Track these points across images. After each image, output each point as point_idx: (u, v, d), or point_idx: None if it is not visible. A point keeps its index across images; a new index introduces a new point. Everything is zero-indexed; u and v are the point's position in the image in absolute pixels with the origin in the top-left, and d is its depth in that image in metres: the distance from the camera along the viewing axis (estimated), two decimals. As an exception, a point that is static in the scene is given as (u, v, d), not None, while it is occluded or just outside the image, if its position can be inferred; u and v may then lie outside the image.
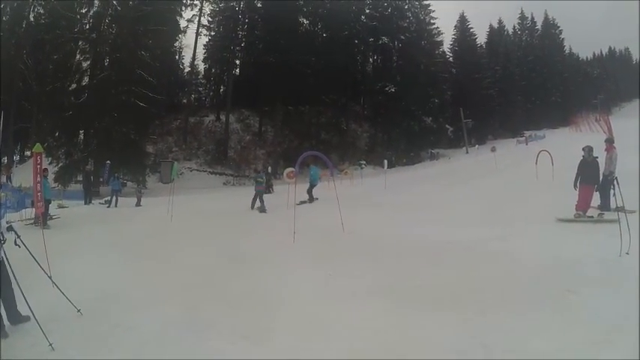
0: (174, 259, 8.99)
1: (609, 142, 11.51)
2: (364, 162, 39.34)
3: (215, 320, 5.56)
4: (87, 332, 5.33)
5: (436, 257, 8.03)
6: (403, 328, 5.10)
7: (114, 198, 19.58)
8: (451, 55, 54.68)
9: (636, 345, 4.25)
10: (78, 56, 32.56)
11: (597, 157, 10.70)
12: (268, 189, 23.51)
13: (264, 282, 7.08)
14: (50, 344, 4.89)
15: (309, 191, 17.26)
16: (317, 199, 16.69)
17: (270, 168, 26.77)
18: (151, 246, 10.35)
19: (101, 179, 26.56)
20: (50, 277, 6.30)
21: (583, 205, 10.47)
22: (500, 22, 60.53)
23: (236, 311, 5.86)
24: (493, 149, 29.16)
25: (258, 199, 16.43)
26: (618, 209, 7.95)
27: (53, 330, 5.14)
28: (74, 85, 31.83)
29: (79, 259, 8.75)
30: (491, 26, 59.72)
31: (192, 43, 43.42)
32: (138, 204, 19.94)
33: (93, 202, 21.03)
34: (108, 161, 25.65)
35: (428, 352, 4.52)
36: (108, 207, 19.28)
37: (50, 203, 14.50)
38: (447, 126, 48.29)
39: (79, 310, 5.79)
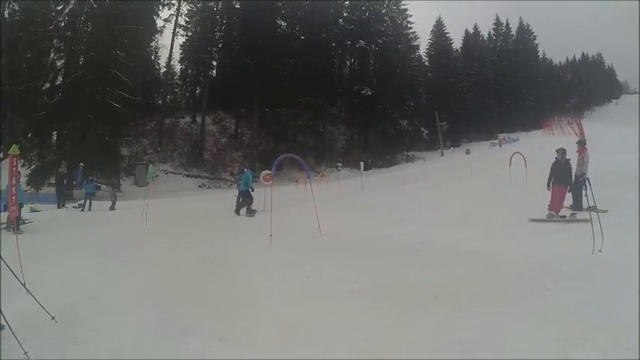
0: (150, 262, 8.89)
1: (581, 144, 11.77)
2: (340, 164, 39.54)
3: (193, 323, 5.47)
4: (63, 339, 5.23)
5: (413, 257, 8.04)
6: (381, 327, 5.10)
7: (87, 201, 19.24)
8: (427, 59, 55.72)
9: (610, 340, 4.37)
10: (52, 55, 31.81)
11: (570, 159, 11.00)
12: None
13: (241, 284, 7.00)
14: (25, 353, 4.82)
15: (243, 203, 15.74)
16: (255, 211, 15.16)
17: (247, 170, 26.71)
18: (125, 249, 10.20)
19: (74, 182, 26.10)
20: (24, 284, 6.23)
21: (556, 206, 10.69)
22: (475, 27, 61.91)
23: (213, 313, 5.78)
24: (468, 152, 29.52)
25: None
26: (590, 209, 8.11)
27: (28, 338, 5.05)
28: (48, 85, 31.20)
29: (53, 265, 8.60)
30: (466, 31, 61.01)
31: (169, 43, 43.50)
32: (112, 207, 19.68)
33: (66, 205, 20.65)
34: (81, 164, 25.23)
35: (405, 350, 4.54)
36: (81, 211, 18.96)
37: (22, 207, 14.23)
38: (423, 129, 48.82)
39: (53, 317, 5.73)
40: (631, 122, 44.05)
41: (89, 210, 18.92)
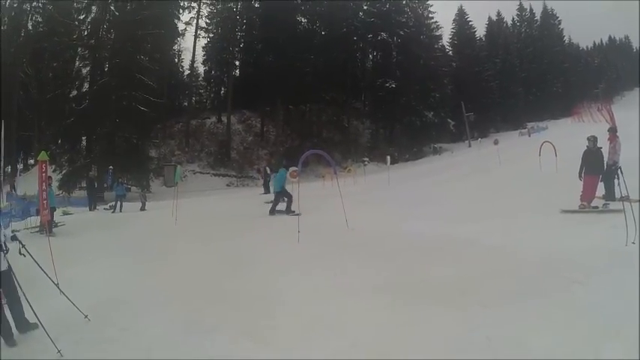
0: (179, 261, 9.01)
1: (612, 131, 11.49)
2: (367, 159, 39.31)
3: (219, 321, 5.57)
4: (94, 337, 5.34)
5: (439, 251, 8.02)
6: (406, 323, 5.09)
7: (118, 203, 19.67)
8: (450, 48, 54.54)
9: None
10: (77, 63, 32.79)
11: (601, 147, 10.67)
12: (267, 189, 23.51)
13: (267, 282, 7.09)
14: (59, 351, 4.90)
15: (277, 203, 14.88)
16: (294, 212, 13.81)
17: (268, 168, 26.67)
18: (155, 249, 10.36)
19: (105, 185, 26.67)
20: (57, 284, 6.32)
21: (588, 196, 10.45)
22: (498, 14, 60.35)
23: (240, 311, 5.86)
24: (496, 142, 29.04)
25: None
26: (623, 199, 7.95)
27: (61, 336, 5.15)
28: (75, 92, 32.12)
29: (85, 265, 8.78)
30: (489, 19, 59.59)
31: (191, 46, 43.67)
32: (142, 208, 20.02)
33: (97, 207, 21.11)
34: (111, 167, 25.71)
35: (431, 346, 4.53)
36: (113, 212, 19.35)
37: (55, 211, 14.55)
38: (449, 120, 48.02)
39: (86, 316, 5.80)
40: (661, 106, 42.74)
41: (120, 211, 19.28)
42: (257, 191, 24.19)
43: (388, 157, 26.00)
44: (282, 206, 14.57)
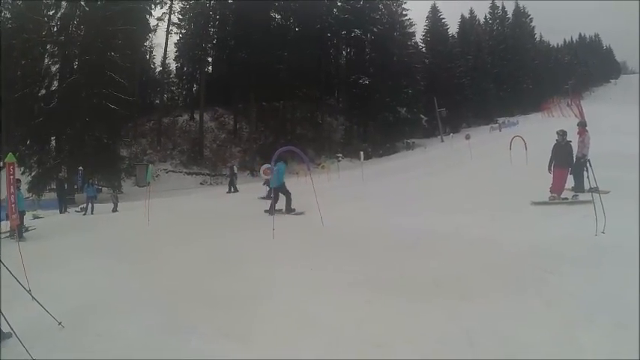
0: (153, 262, 8.90)
1: (581, 125, 11.85)
2: (341, 155, 39.46)
3: (197, 322, 5.51)
4: (70, 344, 5.24)
5: (417, 246, 8.08)
6: (387, 317, 5.14)
7: (89, 205, 19.29)
8: (423, 45, 55.21)
9: (616, 323, 4.40)
10: (47, 60, 31.81)
11: (570, 141, 10.98)
12: (230, 188, 23.69)
13: (244, 280, 6.99)
14: (33, 359, 4.86)
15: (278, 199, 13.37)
16: (294, 210, 13.22)
17: (235, 167, 26.56)
18: (129, 251, 10.21)
19: (75, 186, 26.10)
20: (29, 291, 6.23)
21: (557, 188, 10.72)
22: (471, 11, 61.26)
23: (218, 311, 5.81)
24: (468, 137, 29.41)
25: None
26: (592, 190, 8.18)
27: (35, 345, 5.06)
28: (43, 91, 31.16)
29: (58, 270, 8.62)
30: (462, 16, 60.43)
31: (163, 42, 43.29)
32: (114, 209, 19.70)
33: (68, 210, 20.73)
34: (81, 167, 25.21)
35: (412, 339, 4.59)
36: (84, 214, 19.00)
37: (25, 214, 14.24)
38: (422, 116, 48.55)
39: (60, 323, 5.73)
40: (630, 102, 43.94)
41: (91, 213, 18.96)
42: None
43: (362, 153, 26.05)
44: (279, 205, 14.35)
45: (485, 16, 62.00)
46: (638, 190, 9.69)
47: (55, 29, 32.06)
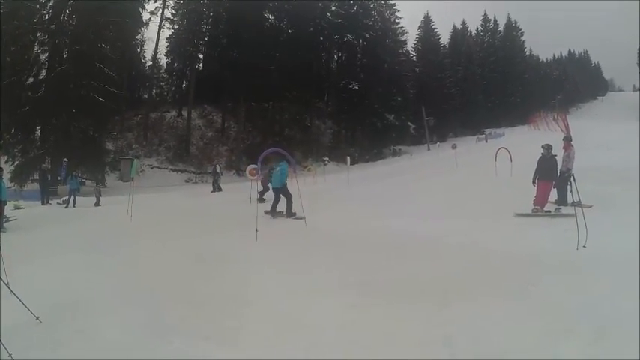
0: (135, 259, 8.85)
1: (567, 140, 12.07)
2: (327, 159, 39.58)
3: (178, 322, 5.49)
4: (48, 341, 5.16)
5: (400, 251, 8.13)
6: (369, 321, 5.17)
7: (72, 198, 19.13)
8: (415, 54, 55.68)
9: (595, 332, 4.49)
10: (36, 48, 31.33)
11: (555, 155, 11.19)
12: (215, 188, 23.61)
13: (227, 281, 6.99)
14: (10, 355, 4.83)
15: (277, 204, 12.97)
16: (295, 214, 12.52)
17: (218, 167, 26.42)
18: (110, 247, 10.12)
19: (59, 178, 25.85)
20: (7, 284, 6.18)
21: (541, 201, 10.89)
22: (463, 23, 61.99)
23: (199, 312, 5.78)
24: (454, 146, 29.73)
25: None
26: (575, 204, 8.30)
27: (12, 340, 5.02)
28: (31, 79, 30.68)
29: (37, 263, 8.53)
30: (454, 27, 61.10)
31: (155, 37, 42.90)
32: (97, 204, 19.55)
33: (50, 202, 20.51)
34: (65, 159, 24.94)
35: (393, 343, 4.65)
36: (66, 207, 18.83)
37: (6, 204, 14.09)
38: (410, 123, 48.88)
39: (37, 318, 5.69)
40: (615, 119, 44.72)
41: (74, 206, 18.81)
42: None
43: (348, 158, 26.25)
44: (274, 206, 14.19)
45: (477, 28, 62.87)
46: (620, 204, 9.94)
47: (47, 17, 31.57)
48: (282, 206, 12.77)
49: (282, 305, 5.88)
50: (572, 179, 8.59)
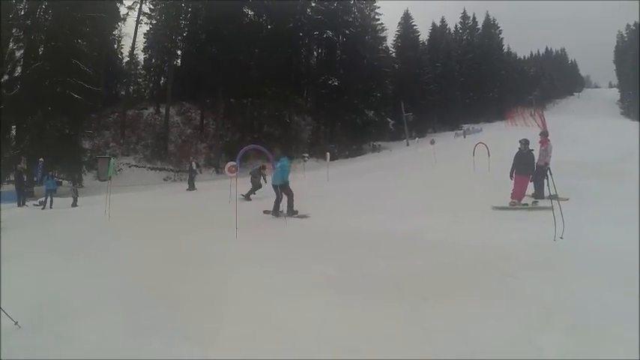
0: (113, 260, 8.78)
1: (544, 135, 12.41)
2: (307, 155, 39.60)
3: (157, 323, 5.46)
4: (27, 345, 5.10)
5: (379, 247, 8.20)
6: (348, 318, 5.23)
7: (48, 198, 18.91)
8: (394, 50, 56.07)
9: (572, 324, 4.64)
10: (11, 44, 30.70)
11: (532, 150, 11.50)
12: (190, 186, 23.35)
13: (206, 281, 7.00)
14: (-9, 360, 4.82)
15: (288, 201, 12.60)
16: (297, 212, 12.55)
17: (194, 163, 26.04)
18: (88, 248, 10.04)
19: (35, 178, 25.38)
20: (-16, 290, 6.16)
21: (518, 194, 11.22)
22: (442, 20, 63.05)
23: (178, 313, 5.77)
24: (432, 142, 29.95)
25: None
26: (552, 197, 8.53)
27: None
28: (6, 77, 30.02)
29: (14, 266, 8.45)
30: (433, 24, 62.09)
31: (132, 32, 42.36)
32: (74, 204, 19.30)
33: (27, 203, 20.19)
34: (41, 159, 24.53)
35: (372, 339, 4.70)
36: (42, 208, 18.58)
37: (-19, 207, 13.93)
38: (389, 119, 49.28)
39: (16, 323, 5.66)
40: (591, 115, 45.73)
41: (50, 207, 18.57)
42: (195, 186, 23.86)
43: (328, 154, 26.23)
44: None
45: (456, 25, 63.94)
46: (596, 197, 10.27)
47: (22, 13, 30.92)
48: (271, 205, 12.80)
49: (261, 304, 5.88)
50: (548, 173, 8.85)
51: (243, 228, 9.86)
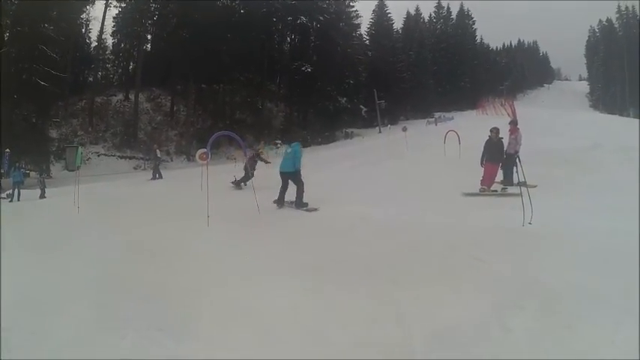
0: (84, 254, 8.62)
1: (513, 124, 12.70)
2: (280, 142, 39.58)
3: (130, 316, 5.36)
4: (3, 344, 5.19)
5: (350, 233, 8.22)
6: (320, 303, 5.28)
7: (16, 191, 18.52)
8: (368, 38, 56.15)
9: (541, 307, 4.71)
10: (-25, 30, 29.70)
11: (502, 138, 11.80)
12: (154, 175, 22.31)
13: (178, 271, 6.86)
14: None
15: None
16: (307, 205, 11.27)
17: (158, 151, 24.82)
18: (57, 241, 9.86)
19: (1, 170, 24.74)
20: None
21: (488, 181, 11.40)
22: (417, 9, 63.58)
23: (151, 304, 5.65)
24: (404, 129, 30.07)
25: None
26: (520, 184, 8.61)
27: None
28: (-29, 65, 29.11)
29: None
30: (408, 13, 62.38)
31: (101, 15, 41.34)
32: (42, 196, 18.87)
33: (-6, 196, 19.72)
34: (7, 149, 23.94)
35: (343, 323, 4.75)
36: (10, 201, 18.16)
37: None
38: (361, 106, 49.64)
39: (-5, 325, 5.58)
40: (559, 106, 46.69)
41: (18, 200, 18.17)
42: (166, 175, 23.55)
43: (300, 141, 26.32)
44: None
45: (431, 14, 64.88)
46: (563, 184, 10.64)
47: (-14, -2, 29.94)
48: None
49: (232, 292, 5.85)
50: (518, 160, 9.01)
51: (214, 216, 9.84)
